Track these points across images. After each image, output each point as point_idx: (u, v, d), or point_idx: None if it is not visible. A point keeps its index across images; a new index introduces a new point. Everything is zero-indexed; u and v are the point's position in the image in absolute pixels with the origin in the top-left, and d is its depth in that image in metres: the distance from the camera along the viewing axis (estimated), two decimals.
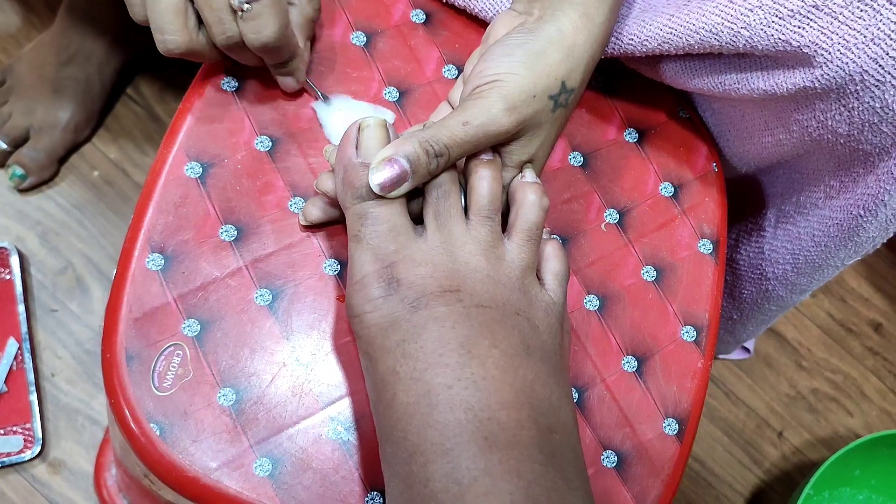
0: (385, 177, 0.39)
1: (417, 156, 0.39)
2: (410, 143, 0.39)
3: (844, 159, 0.48)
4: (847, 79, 0.42)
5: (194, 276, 0.44)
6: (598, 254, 0.51)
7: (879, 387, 1.01)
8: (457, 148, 0.40)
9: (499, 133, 0.41)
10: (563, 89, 0.43)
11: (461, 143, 0.40)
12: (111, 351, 0.42)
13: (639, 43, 0.48)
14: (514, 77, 0.41)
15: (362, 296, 0.39)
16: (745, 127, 0.53)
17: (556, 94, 0.43)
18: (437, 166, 0.40)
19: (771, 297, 0.63)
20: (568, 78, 0.43)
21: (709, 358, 0.50)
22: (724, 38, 0.44)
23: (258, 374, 0.43)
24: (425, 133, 0.40)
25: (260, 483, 0.41)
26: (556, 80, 0.43)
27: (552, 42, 0.43)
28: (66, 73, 0.85)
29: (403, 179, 0.39)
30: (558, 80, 0.43)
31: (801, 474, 0.95)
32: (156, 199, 0.45)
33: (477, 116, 0.41)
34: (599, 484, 0.46)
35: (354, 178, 0.40)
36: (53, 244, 0.86)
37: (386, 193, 0.39)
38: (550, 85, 0.42)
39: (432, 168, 0.40)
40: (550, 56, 0.42)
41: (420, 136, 0.40)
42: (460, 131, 0.40)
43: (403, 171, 0.39)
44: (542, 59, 0.42)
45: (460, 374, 0.37)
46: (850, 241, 0.52)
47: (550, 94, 0.42)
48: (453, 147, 0.40)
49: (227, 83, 0.48)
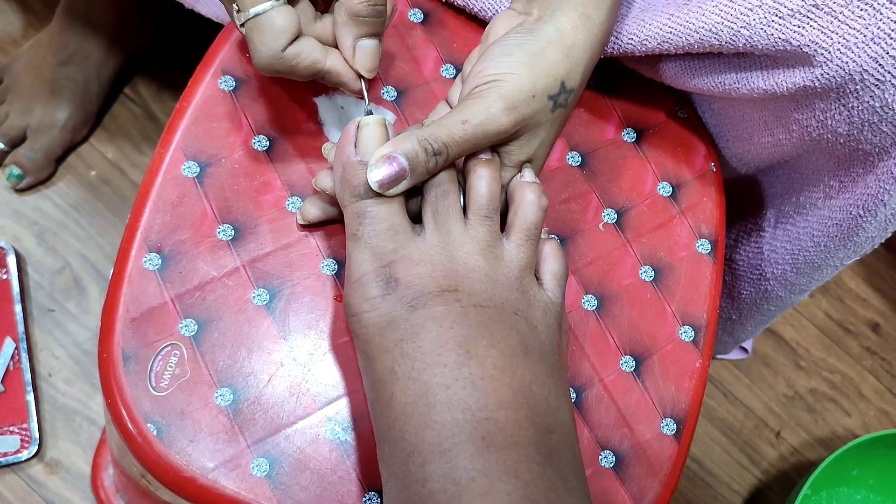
0: (383, 174, 0.39)
1: (416, 153, 0.39)
2: (409, 140, 0.39)
3: (844, 159, 0.48)
4: (847, 78, 0.41)
5: (191, 276, 0.44)
6: (596, 253, 0.50)
7: (877, 387, 1.01)
8: (455, 146, 0.40)
9: (497, 132, 0.41)
10: (563, 89, 0.43)
11: (459, 142, 0.40)
12: (108, 351, 0.42)
13: (638, 42, 0.48)
14: (513, 77, 0.41)
15: (360, 295, 0.39)
16: (744, 127, 0.53)
17: (556, 94, 0.43)
18: (435, 164, 0.40)
19: (770, 297, 0.62)
20: (567, 78, 0.43)
21: (707, 358, 0.50)
22: (724, 37, 0.44)
23: (255, 374, 0.43)
24: (424, 131, 0.40)
25: (257, 483, 0.41)
26: (555, 80, 0.42)
27: (551, 42, 0.43)
28: (63, 73, 0.85)
29: (402, 177, 0.39)
30: (557, 80, 0.43)
31: (798, 474, 0.95)
32: (153, 198, 0.45)
33: (476, 115, 0.40)
34: (597, 484, 0.46)
35: (353, 177, 0.40)
36: (50, 244, 0.86)
37: (384, 191, 0.39)
38: (550, 85, 0.42)
39: (431, 166, 0.40)
40: (550, 56, 0.42)
41: (419, 134, 0.39)
42: (459, 130, 0.40)
43: (402, 169, 0.39)
44: (542, 59, 0.42)
45: (458, 374, 0.37)
46: (850, 241, 0.52)
47: (550, 94, 0.42)
48: (452, 145, 0.40)
49: (224, 82, 0.48)
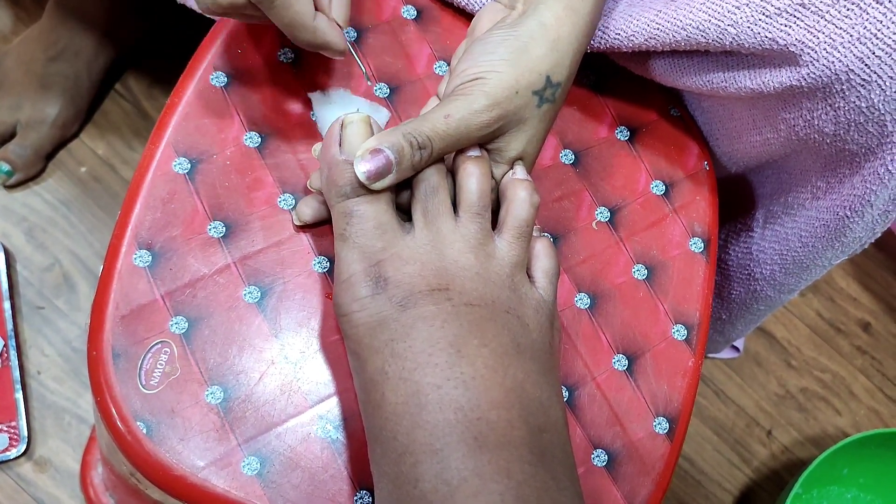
0: (370, 166, 0.39)
1: (402, 147, 0.39)
2: (394, 134, 0.39)
3: (831, 159, 0.48)
4: (833, 78, 0.41)
5: (182, 273, 0.44)
6: (588, 252, 0.50)
7: (868, 386, 1.01)
8: (439, 141, 0.40)
9: (480, 127, 0.41)
10: (549, 84, 0.43)
11: (443, 136, 0.40)
12: (97, 348, 0.42)
13: (626, 38, 0.48)
14: (495, 74, 0.41)
15: (349, 295, 0.39)
16: (733, 126, 0.53)
17: (541, 89, 0.43)
18: (420, 159, 0.40)
19: (759, 297, 0.63)
20: (553, 72, 0.43)
21: (699, 356, 0.50)
22: (711, 35, 0.44)
23: (246, 371, 0.43)
24: (408, 126, 0.40)
25: (248, 482, 0.41)
26: (539, 74, 0.42)
27: (534, 37, 0.42)
28: (54, 68, 0.84)
29: (388, 170, 0.39)
30: (542, 75, 0.42)
31: (789, 473, 0.95)
32: (143, 195, 0.44)
33: (459, 110, 0.41)
34: (589, 483, 0.46)
35: (338, 176, 0.39)
36: (40, 241, 0.85)
37: (371, 184, 0.39)
38: (534, 80, 0.42)
39: (416, 160, 0.40)
40: (533, 51, 0.42)
41: (403, 129, 0.40)
42: (442, 124, 0.40)
43: (388, 162, 0.39)
44: (525, 54, 0.42)
45: (450, 373, 0.37)
46: (837, 241, 0.52)
47: (534, 89, 0.42)
48: (436, 139, 0.40)
49: (215, 78, 0.47)
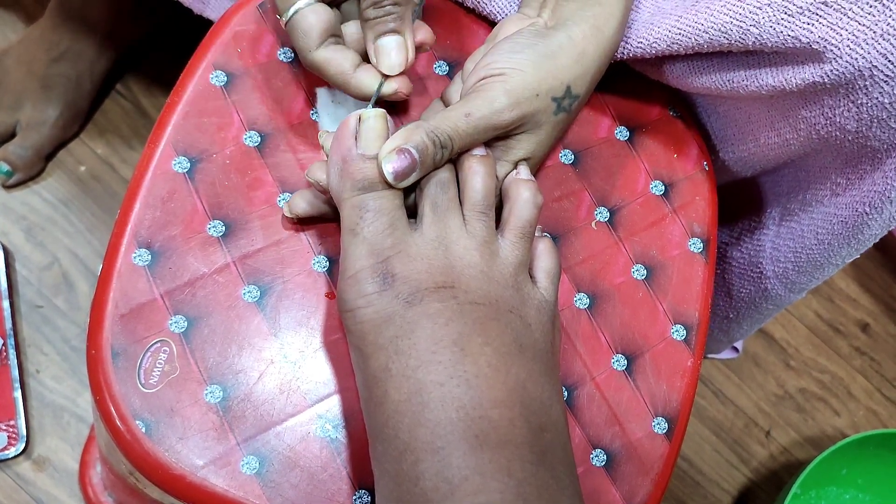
0: (397, 165, 0.39)
1: (426, 146, 0.39)
2: (417, 133, 0.39)
3: (852, 156, 0.48)
4: (856, 74, 0.42)
5: (181, 272, 0.44)
6: (588, 252, 0.50)
7: (866, 386, 1.02)
8: (459, 139, 0.40)
9: (498, 126, 0.41)
10: (568, 94, 0.43)
11: (463, 135, 0.40)
12: (96, 347, 0.42)
13: (647, 45, 0.48)
14: (519, 73, 0.42)
15: (356, 291, 0.39)
16: (750, 129, 0.53)
17: (560, 96, 0.43)
18: (441, 157, 0.40)
19: (769, 295, 0.62)
20: (574, 83, 0.44)
21: (699, 357, 0.50)
22: (734, 36, 0.44)
23: (245, 371, 0.43)
24: (430, 124, 0.40)
25: (247, 481, 0.41)
26: (561, 83, 0.43)
27: (562, 47, 0.43)
28: (55, 69, 0.84)
29: (413, 169, 0.39)
30: (564, 84, 0.43)
31: (788, 473, 0.95)
32: (143, 194, 0.44)
33: (479, 108, 0.41)
34: (588, 483, 0.46)
35: (354, 170, 0.39)
36: (39, 239, 0.85)
37: (397, 183, 0.39)
38: (555, 87, 0.43)
39: (437, 159, 0.40)
40: (559, 59, 0.43)
41: (426, 127, 0.40)
42: (463, 123, 0.40)
43: (413, 161, 0.39)
44: (551, 61, 0.43)
45: (453, 371, 0.37)
46: (854, 238, 0.52)
47: (554, 95, 0.43)
48: (456, 138, 0.40)
49: (215, 77, 0.47)
